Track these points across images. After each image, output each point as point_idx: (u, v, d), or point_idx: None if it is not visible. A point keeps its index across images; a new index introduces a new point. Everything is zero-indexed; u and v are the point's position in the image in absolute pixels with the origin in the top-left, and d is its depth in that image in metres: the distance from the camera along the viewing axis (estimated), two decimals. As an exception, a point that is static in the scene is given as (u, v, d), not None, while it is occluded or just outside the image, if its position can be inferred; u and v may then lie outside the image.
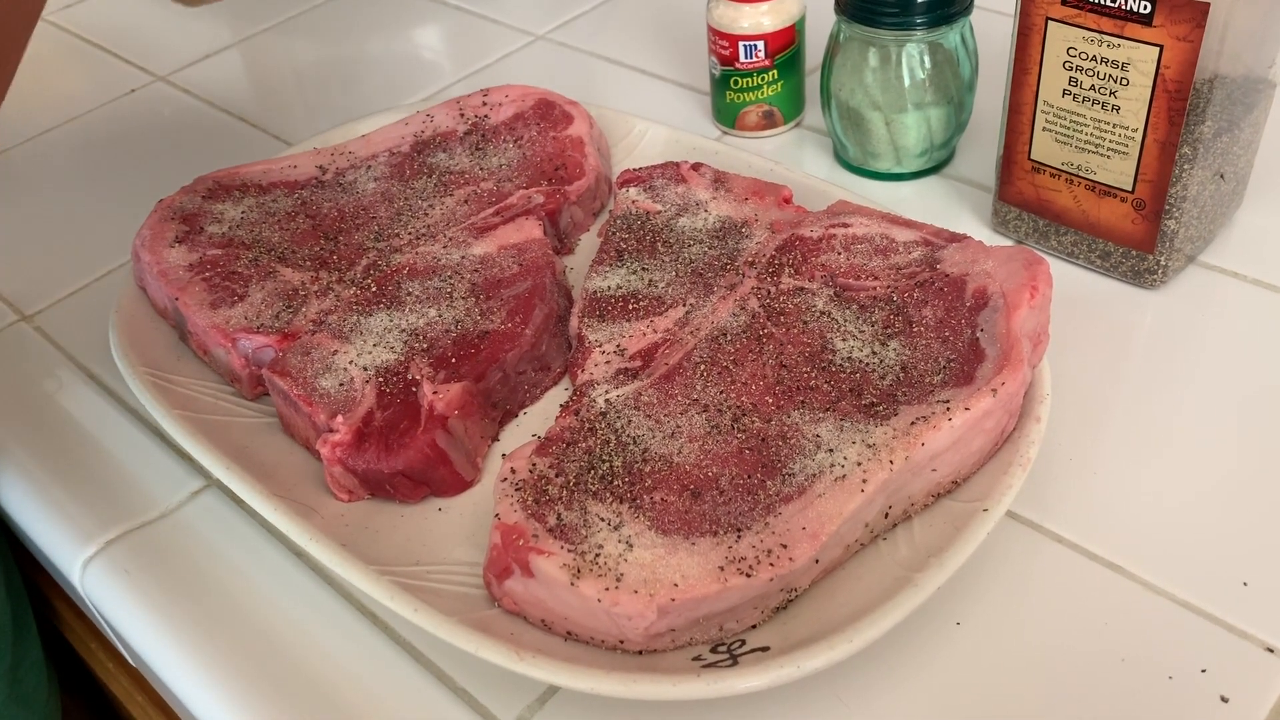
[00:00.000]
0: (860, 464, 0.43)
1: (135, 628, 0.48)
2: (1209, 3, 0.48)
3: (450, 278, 0.56)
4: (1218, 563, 0.45)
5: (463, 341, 0.52)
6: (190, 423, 0.51)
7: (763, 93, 0.70)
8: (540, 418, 0.53)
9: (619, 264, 0.56)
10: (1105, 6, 0.51)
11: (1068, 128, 0.56)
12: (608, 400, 0.48)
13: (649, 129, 0.68)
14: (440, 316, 0.53)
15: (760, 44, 0.68)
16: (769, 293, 0.52)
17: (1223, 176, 0.56)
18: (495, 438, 0.53)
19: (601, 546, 0.41)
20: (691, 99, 0.77)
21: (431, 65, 0.86)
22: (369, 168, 0.65)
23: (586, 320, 0.53)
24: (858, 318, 0.50)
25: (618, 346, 0.51)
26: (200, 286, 0.56)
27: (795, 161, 0.70)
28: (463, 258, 0.57)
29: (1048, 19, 0.53)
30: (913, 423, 0.44)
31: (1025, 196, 0.59)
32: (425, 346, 0.52)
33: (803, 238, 0.54)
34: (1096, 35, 0.52)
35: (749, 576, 0.40)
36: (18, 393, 0.60)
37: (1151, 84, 0.52)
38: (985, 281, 0.49)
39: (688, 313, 0.53)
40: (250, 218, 0.61)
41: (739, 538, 0.41)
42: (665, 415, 0.47)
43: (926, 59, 0.62)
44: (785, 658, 0.39)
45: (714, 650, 0.41)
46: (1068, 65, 0.54)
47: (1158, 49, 0.51)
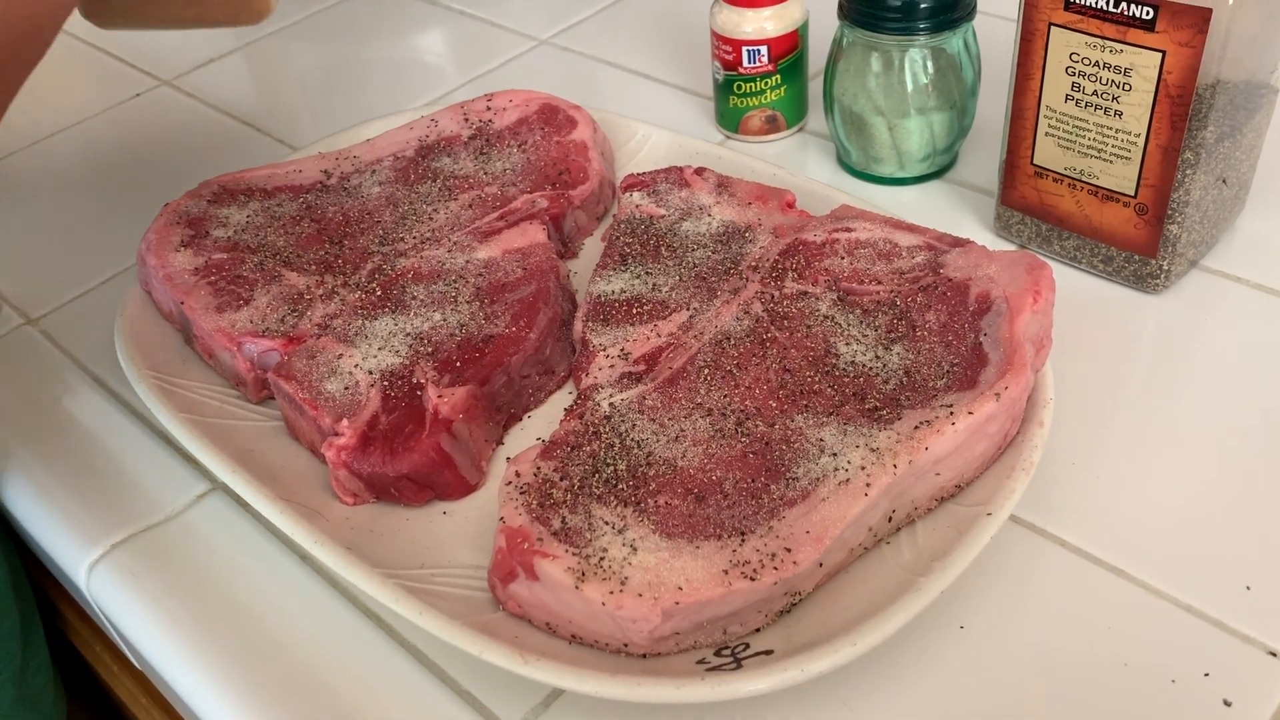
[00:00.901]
0: (864, 468, 0.43)
1: (140, 630, 0.49)
2: (1211, 8, 0.48)
3: (455, 282, 0.56)
4: (1220, 566, 0.45)
5: (467, 345, 0.52)
6: (196, 426, 0.51)
7: (766, 97, 0.70)
8: (544, 421, 0.54)
9: (623, 268, 0.56)
10: (1108, 12, 0.51)
11: (1070, 133, 0.56)
12: (612, 404, 0.48)
13: (652, 133, 0.68)
14: (445, 320, 0.54)
15: (763, 49, 0.68)
16: (772, 297, 0.52)
17: (1225, 181, 0.56)
18: (500, 441, 0.53)
19: (606, 550, 0.41)
20: (695, 104, 0.77)
21: (436, 70, 0.86)
22: (374, 172, 0.65)
23: (590, 324, 0.53)
24: (861, 322, 0.50)
25: (622, 350, 0.52)
26: (205, 290, 0.56)
27: (798, 166, 0.70)
28: (467, 262, 0.57)
29: (1050, 24, 0.54)
30: (916, 427, 0.44)
31: (1028, 201, 0.60)
32: (430, 350, 0.52)
33: (806, 242, 0.55)
34: (1099, 41, 0.52)
35: (753, 580, 0.40)
36: (24, 396, 0.60)
37: (1154, 89, 0.52)
38: (988, 286, 0.49)
39: (691, 317, 0.53)
40: (255, 222, 0.61)
41: (743, 541, 0.42)
42: (669, 419, 0.47)
43: (929, 64, 0.62)
44: (789, 661, 0.39)
45: (718, 653, 0.41)
46: (1070, 70, 0.54)
47: (1160, 54, 0.51)
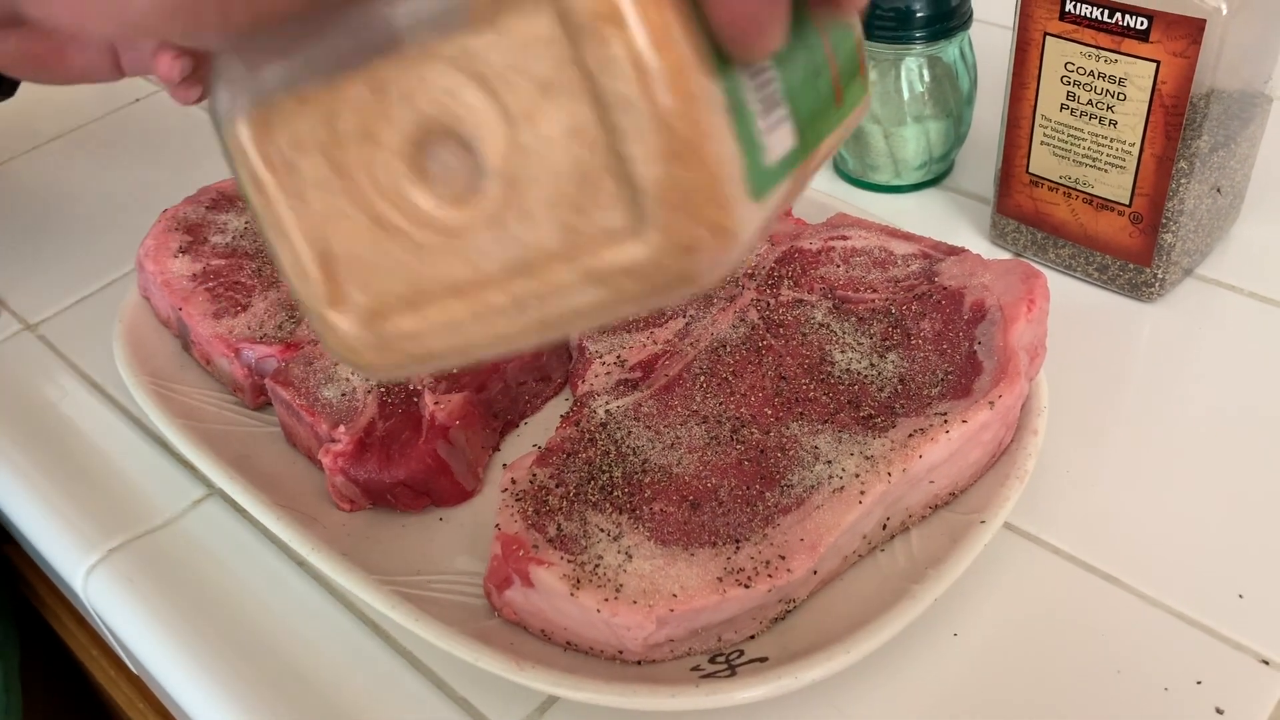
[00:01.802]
0: (858, 476, 0.44)
1: (137, 635, 0.49)
2: (1205, 19, 0.49)
3: (452, 289, 0.56)
4: (1213, 575, 0.45)
5: (464, 352, 0.52)
6: (193, 432, 0.51)
7: (763, 105, 0.71)
8: (541, 428, 0.54)
9: (619, 275, 0.56)
10: (1102, 22, 0.52)
11: (1065, 142, 0.56)
12: (608, 411, 0.48)
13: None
14: (442, 327, 0.54)
15: (761, 57, 0.68)
16: (768, 304, 0.52)
17: (1219, 190, 0.57)
18: (496, 448, 0.53)
19: (601, 557, 0.42)
20: (692, 111, 0.78)
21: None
22: (372, 179, 0.65)
23: (587, 331, 0.54)
24: (856, 330, 0.51)
25: (618, 357, 0.52)
26: (203, 296, 0.56)
27: (795, 173, 0.70)
28: (464, 269, 0.57)
29: (1045, 34, 0.54)
30: (910, 435, 0.45)
31: (1023, 209, 0.60)
32: (427, 357, 0.52)
33: (802, 250, 0.55)
34: (1094, 50, 0.53)
35: (747, 588, 0.40)
36: (22, 401, 0.60)
37: (1148, 99, 0.52)
38: (983, 295, 0.50)
39: (688, 324, 0.53)
40: (254, 228, 0.61)
41: (737, 549, 0.42)
42: (665, 426, 0.47)
43: (925, 72, 0.63)
44: (783, 668, 0.39)
45: (712, 661, 0.41)
46: (1065, 80, 0.54)
47: (1154, 64, 0.51)
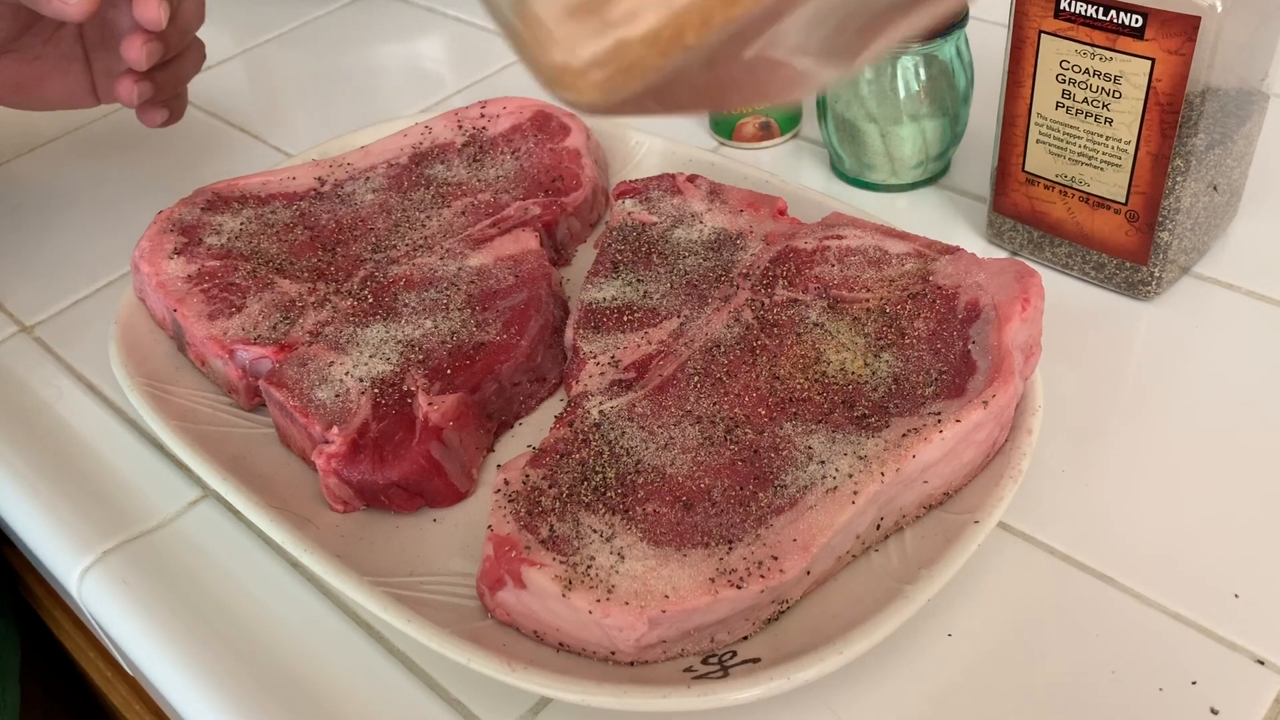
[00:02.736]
0: (852, 475, 0.43)
1: (132, 637, 0.49)
2: (1200, 16, 0.49)
3: (446, 289, 0.56)
4: (1208, 575, 0.45)
5: (458, 353, 0.52)
6: (187, 433, 0.51)
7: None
8: (535, 429, 0.54)
9: (614, 275, 0.56)
10: (1097, 20, 0.52)
11: (1061, 140, 0.56)
12: (601, 412, 0.48)
13: (646, 140, 0.69)
14: (436, 328, 0.54)
15: (757, 56, 0.68)
16: (763, 304, 0.52)
17: (1216, 188, 0.56)
18: (490, 449, 0.53)
19: (593, 558, 0.42)
20: (689, 110, 0.77)
21: (432, 76, 0.87)
22: (367, 179, 0.65)
23: (581, 332, 0.54)
24: (850, 330, 0.51)
25: (612, 358, 0.52)
26: (198, 298, 0.56)
27: (792, 173, 0.70)
28: (459, 269, 0.57)
29: (1040, 32, 0.54)
30: (904, 435, 0.44)
31: (1020, 208, 0.60)
32: (421, 358, 0.52)
33: (797, 250, 0.55)
34: (1089, 48, 0.52)
35: (740, 588, 0.40)
36: (17, 403, 0.60)
37: (1144, 97, 0.52)
38: (977, 294, 0.50)
39: (682, 324, 0.53)
40: (249, 229, 0.61)
41: (730, 549, 0.42)
42: (659, 427, 0.47)
43: (921, 71, 0.62)
44: (776, 669, 0.39)
45: (705, 661, 0.41)
46: (1061, 78, 0.54)
47: (1149, 62, 0.51)
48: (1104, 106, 0.53)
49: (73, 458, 0.57)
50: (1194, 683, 0.42)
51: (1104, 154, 0.55)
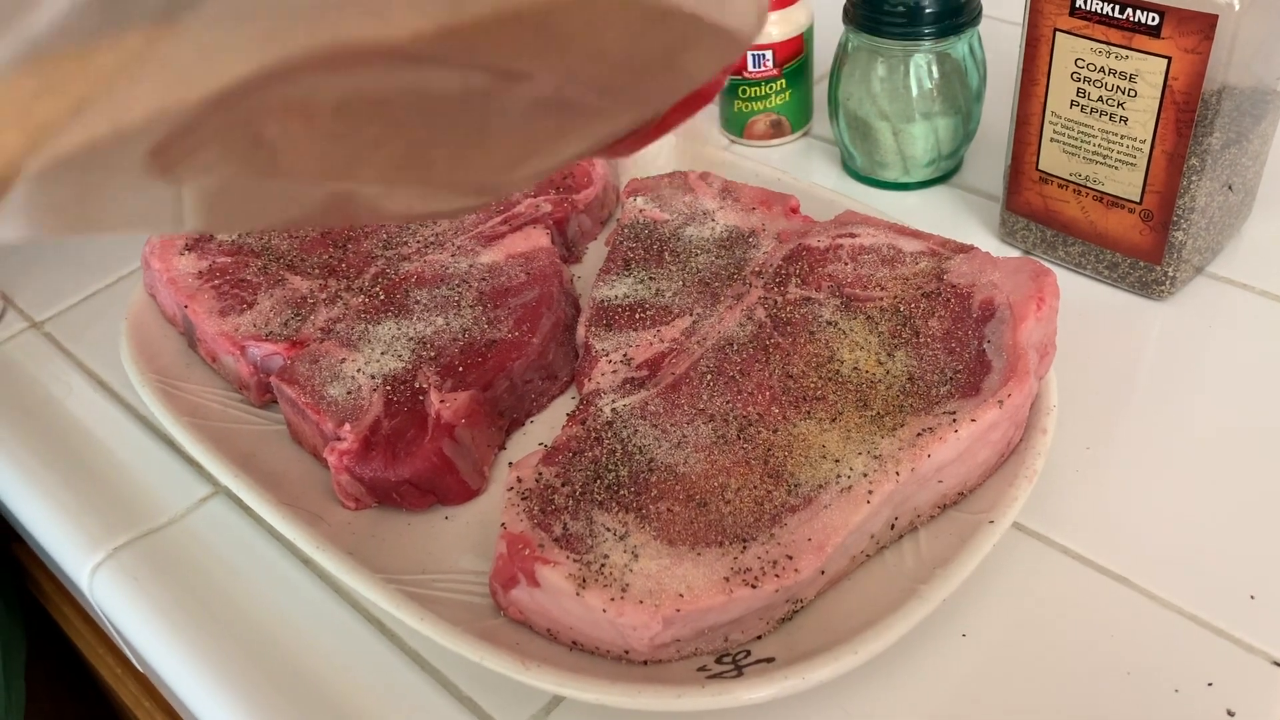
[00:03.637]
0: (866, 475, 0.43)
1: (143, 633, 0.49)
2: (1217, 14, 0.48)
3: (458, 286, 0.56)
4: (1225, 576, 0.45)
5: (470, 350, 0.52)
6: (198, 430, 0.51)
7: (770, 102, 0.70)
8: (547, 427, 0.54)
9: (626, 273, 0.56)
10: (1113, 18, 0.51)
11: (1075, 138, 0.56)
12: (614, 410, 0.48)
13: (657, 138, 0.68)
14: (448, 325, 0.54)
15: (768, 53, 0.68)
16: (775, 302, 0.52)
17: (1231, 188, 0.56)
18: (502, 446, 0.53)
19: (607, 556, 0.41)
20: (700, 107, 0.77)
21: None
22: (378, 176, 0.65)
23: (593, 329, 0.53)
24: (864, 328, 0.50)
25: (624, 356, 0.51)
26: (209, 294, 0.56)
27: (803, 171, 0.70)
28: (470, 266, 0.57)
29: (1055, 30, 0.54)
30: (919, 434, 0.44)
31: (1033, 207, 0.59)
32: (433, 355, 0.52)
33: (810, 247, 0.55)
34: (1104, 46, 0.52)
35: (754, 588, 0.40)
36: (28, 399, 0.60)
37: (1159, 95, 0.52)
38: (992, 293, 0.49)
39: (694, 322, 0.53)
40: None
41: (745, 548, 0.41)
42: (671, 425, 0.47)
43: (934, 69, 0.62)
44: (790, 669, 0.39)
45: (719, 661, 0.41)
46: (1075, 76, 0.54)
47: (1166, 60, 0.51)
48: (1119, 105, 0.53)
49: (83, 454, 0.57)
50: (1210, 684, 0.41)
51: (1119, 153, 0.54)
